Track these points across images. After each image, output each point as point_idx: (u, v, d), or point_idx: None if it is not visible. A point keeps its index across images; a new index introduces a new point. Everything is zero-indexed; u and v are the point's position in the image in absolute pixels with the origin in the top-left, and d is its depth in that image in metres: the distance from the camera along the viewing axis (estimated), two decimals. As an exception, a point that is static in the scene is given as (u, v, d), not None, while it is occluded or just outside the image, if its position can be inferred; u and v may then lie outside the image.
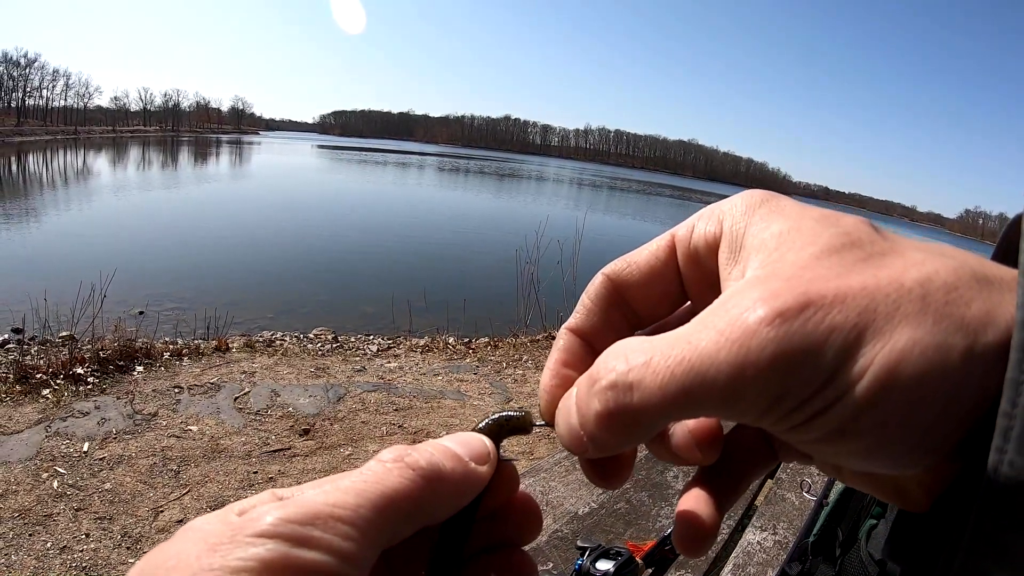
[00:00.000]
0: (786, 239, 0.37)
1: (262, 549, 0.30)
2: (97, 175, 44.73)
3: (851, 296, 0.32)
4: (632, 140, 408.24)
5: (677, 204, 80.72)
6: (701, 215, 0.45)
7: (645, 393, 0.34)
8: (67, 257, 14.94)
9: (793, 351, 0.31)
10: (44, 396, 6.04)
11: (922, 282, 0.32)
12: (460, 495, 0.40)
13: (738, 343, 0.32)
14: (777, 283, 0.34)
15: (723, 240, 0.42)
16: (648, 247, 0.47)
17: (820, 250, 0.35)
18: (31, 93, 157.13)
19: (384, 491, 0.35)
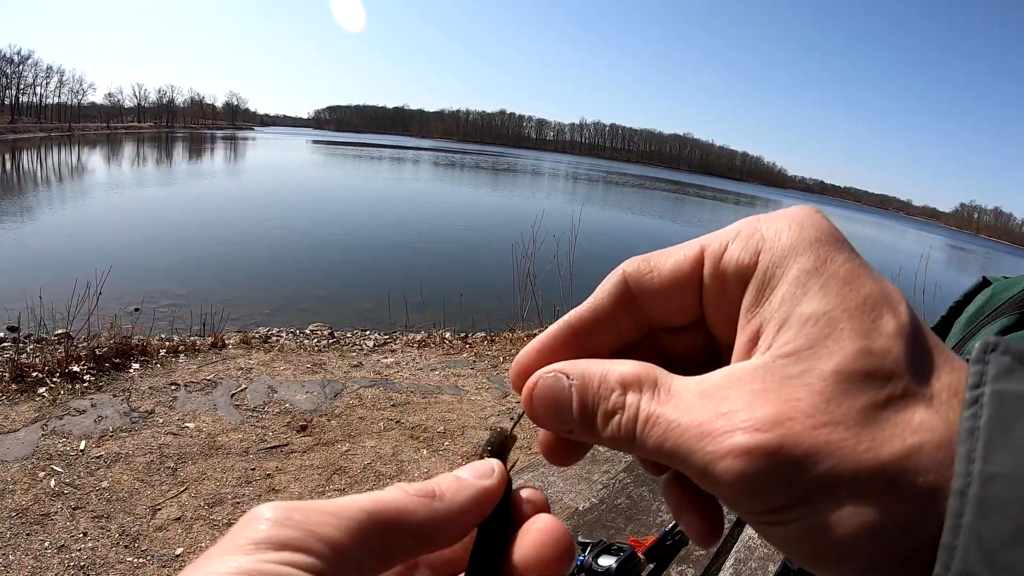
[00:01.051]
0: (808, 332, 0.36)
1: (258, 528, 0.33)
2: (91, 172, 44.67)
3: (825, 455, 0.33)
4: (627, 134, 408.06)
5: (673, 198, 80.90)
6: (739, 233, 0.42)
7: (646, 444, 0.39)
8: (62, 254, 14.90)
9: (749, 483, 0.34)
10: (40, 394, 6.02)
11: (903, 458, 0.32)
12: (465, 510, 0.41)
13: (710, 455, 0.35)
14: (769, 406, 0.35)
15: (754, 278, 0.40)
16: (674, 255, 0.45)
17: (834, 370, 0.34)
18: (25, 90, 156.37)
19: (378, 499, 0.38)
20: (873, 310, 0.36)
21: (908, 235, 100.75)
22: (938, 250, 40.40)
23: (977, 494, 0.30)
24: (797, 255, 0.39)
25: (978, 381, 0.33)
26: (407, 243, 21.32)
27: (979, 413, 0.32)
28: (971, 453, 0.31)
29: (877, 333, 0.35)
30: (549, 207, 15.10)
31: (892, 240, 72.05)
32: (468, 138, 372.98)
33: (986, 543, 0.30)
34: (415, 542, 0.39)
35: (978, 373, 0.33)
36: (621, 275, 0.47)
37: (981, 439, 0.31)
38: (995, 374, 0.33)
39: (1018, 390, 0.32)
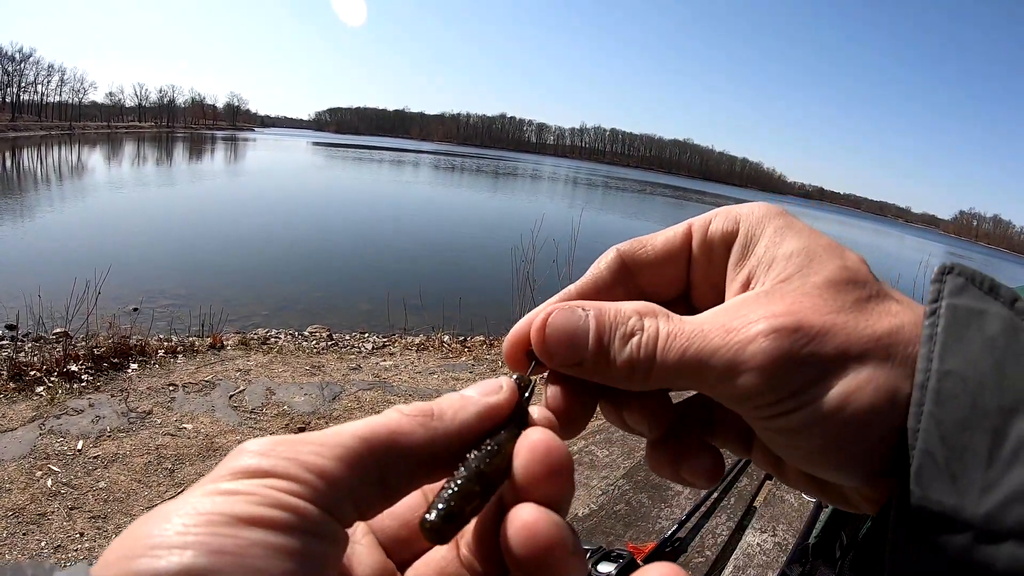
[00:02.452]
0: (795, 261, 0.44)
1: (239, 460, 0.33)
2: (91, 171, 44.64)
3: (834, 332, 0.40)
4: (627, 139, 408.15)
5: (673, 204, 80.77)
6: (718, 213, 0.50)
7: (668, 356, 0.42)
8: (61, 253, 14.87)
9: (778, 360, 0.39)
10: (38, 394, 6.01)
11: (893, 332, 0.40)
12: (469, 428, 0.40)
13: (737, 345, 0.40)
14: (779, 305, 0.41)
15: (737, 239, 0.48)
16: (664, 233, 0.53)
17: (823, 280, 0.42)
18: (26, 88, 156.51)
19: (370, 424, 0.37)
20: (838, 248, 0.45)
21: (907, 242, 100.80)
22: (937, 257, 40.28)
23: (935, 387, 0.37)
24: (770, 219, 0.48)
25: (936, 296, 0.41)
26: (406, 245, 21.30)
27: (936, 323, 0.40)
28: (930, 354, 0.38)
29: (847, 257, 0.44)
30: (549, 211, 15.10)
31: (891, 247, 72.15)
32: (468, 141, 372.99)
33: (942, 427, 0.37)
34: (415, 466, 0.37)
35: (936, 290, 0.41)
36: (616, 252, 0.52)
37: (938, 343, 0.39)
38: (950, 291, 0.41)
39: (968, 305, 0.40)
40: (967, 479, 0.36)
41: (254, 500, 0.30)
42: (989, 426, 0.36)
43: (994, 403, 0.36)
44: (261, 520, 0.29)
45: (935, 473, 0.36)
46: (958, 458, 0.36)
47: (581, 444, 5.37)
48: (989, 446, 0.36)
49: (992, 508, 0.35)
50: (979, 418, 0.36)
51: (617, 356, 0.44)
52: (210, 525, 0.28)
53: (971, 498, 0.35)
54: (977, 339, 0.39)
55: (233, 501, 0.30)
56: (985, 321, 0.39)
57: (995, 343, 0.38)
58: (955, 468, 0.36)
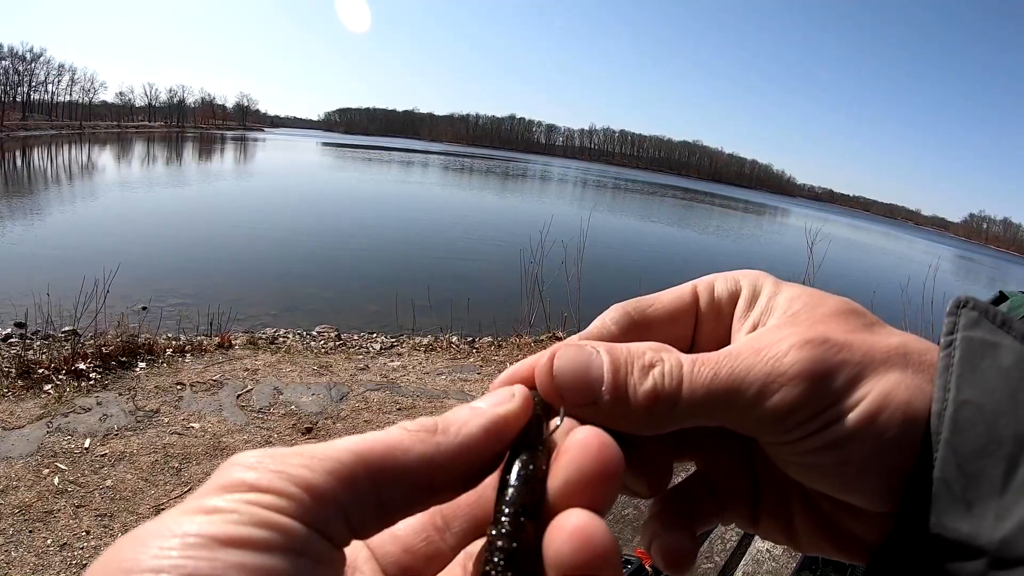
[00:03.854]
0: (797, 301, 0.47)
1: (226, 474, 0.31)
2: (102, 170, 44.90)
3: (856, 345, 0.42)
4: (637, 140, 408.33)
5: (683, 206, 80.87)
6: (719, 277, 0.52)
7: (696, 382, 0.41)
8: (70, 251, 14.96)
9: (815, 369, 0.40)
10: (46, 391, 6.03)
11: (903, 345, 0.43)
12: (477, 443, 0.37)
13: (773, 358, 0.41)
14: (799, 327, 0.43)
15: (742, 294, 0.50)
16: (670, 292, 0.52)
17: (829, 311, 0.45)
18: (36, 88, 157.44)
19: (365, 439, 0.34)
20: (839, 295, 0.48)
21: (917, 245, 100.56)
22: (947, 260, 40.31)
23: (952, 415, 0.38)
24: (767, 277, 0.51)
25: (951, 329, 0.42)
26: (415, 246, 21.35)
27: (952, 354, 0.40)
28: (947, 384, 0.39)
29: (851, 300, 0.47)
30: (558, 213, 15.12)
31: (901, 250, 72.07)
32: (477, 142, 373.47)
33: (958, 455, 0.37)
34: (415, 485, 0.35)
35: (951, 323, 0.42)
36: (623, 309, 0.51)
37: (955, 373, 0.39)
38: (965, 324, 0.42)
39: (982, 337, 0.41)
40: (982, 506, 0.36)
41: (233, 519, 0.28)
42: (1004, 454, 0.36)
43: (1009, 431, 0.37)
44: (240, 540, 0.28)
45: (951, 500, 0.37)
46: (974, 486, 0.37)
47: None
48: (1004, 473, 0.36)
49: (1007, 534, 0.35)
50: (995, 446, 0.37)
51: (637, 389, 0.41)
52: (185, 548, 0.27)
53: (986, 525, 0.36)
54: (992, 370, 0.39)
55: (212, 520, 0.28)
56: (999, 353, 0.40)
57: (1009, 374, 0.39)
58: (971, 496, 0.36)
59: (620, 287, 14.08)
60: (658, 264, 24.35)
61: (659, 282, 2.43)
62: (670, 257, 28.40)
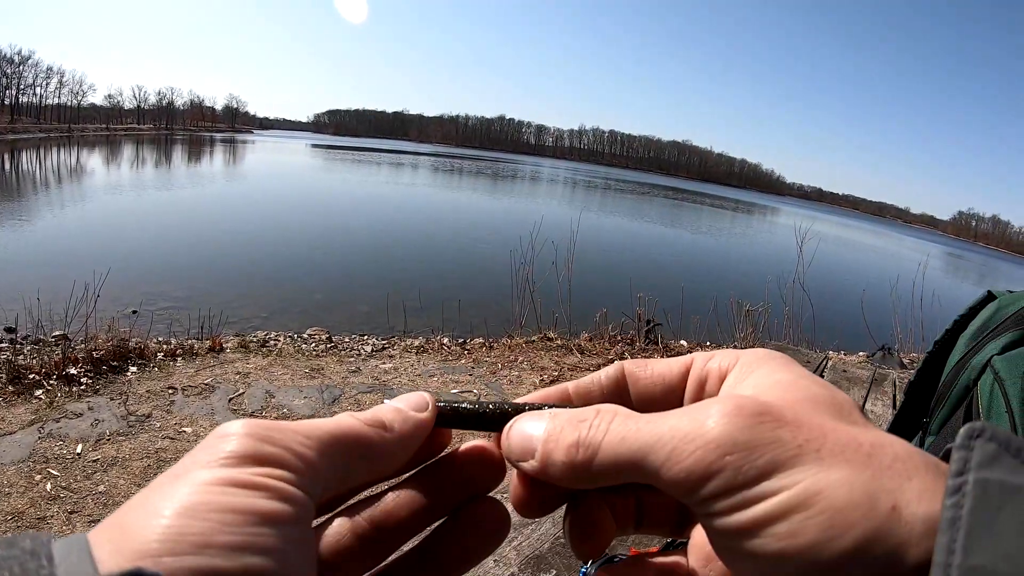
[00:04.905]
0: (782, 383, 0.41)
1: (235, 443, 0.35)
2: (91, 173, 44.69)
3: (806, 427, 0.35)
4: (626, 140, 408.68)
5: (672, 205, 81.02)
6: (720, 352, 0.48)
7: (612, 437, 0.39)
8: (60, 256, 14.90)
9: (735, 434, 0.35)
10: (37, 397, 6.01)
11: (875, 444, 0.34)
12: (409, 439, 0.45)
13: (694, 418, 0.37)
14: (747, 399, 0.38)
15: (732, 372, 0.46)
16: (667, 361, 0.50)
17: (805, 398, 0.39)
18: (24, 90, 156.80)
19: (339, 424, 0.41)
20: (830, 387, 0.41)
21: (906, 243, 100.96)
22: (936, 258, 40.56)
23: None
24: (771, 359, 0.45)
25: (961, 468, 0.32)
26: (405, 247, 21.37)
27: (961, 503, 0.30)
28: (951, 544, 0.29)
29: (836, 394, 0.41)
30: (548, 213, 15.12)
31: (891, 248, 72.29)
32: (467, 143, 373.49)
33: None
34: (369, 467, 0.42)
35: (962, 460, 0.32)
36: (621, 366, 0.51)
37: (963, 530, 0.30)
38: (980, 461, 0.32)
39: (1003, 480, 0.31)
40: None
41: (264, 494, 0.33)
42: None
43: None
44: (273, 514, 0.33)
45: None
46: None
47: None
48: None
49: None
50: None
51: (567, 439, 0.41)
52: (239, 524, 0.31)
53: None
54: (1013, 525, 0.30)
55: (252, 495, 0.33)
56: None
57: None
58: None
59: (611, 287, 14.12)
60: (649, 263, 24.37)
61: (649, 282, 2.50)
62: (661, 256, 28.44)
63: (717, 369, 0.47)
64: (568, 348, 9.23)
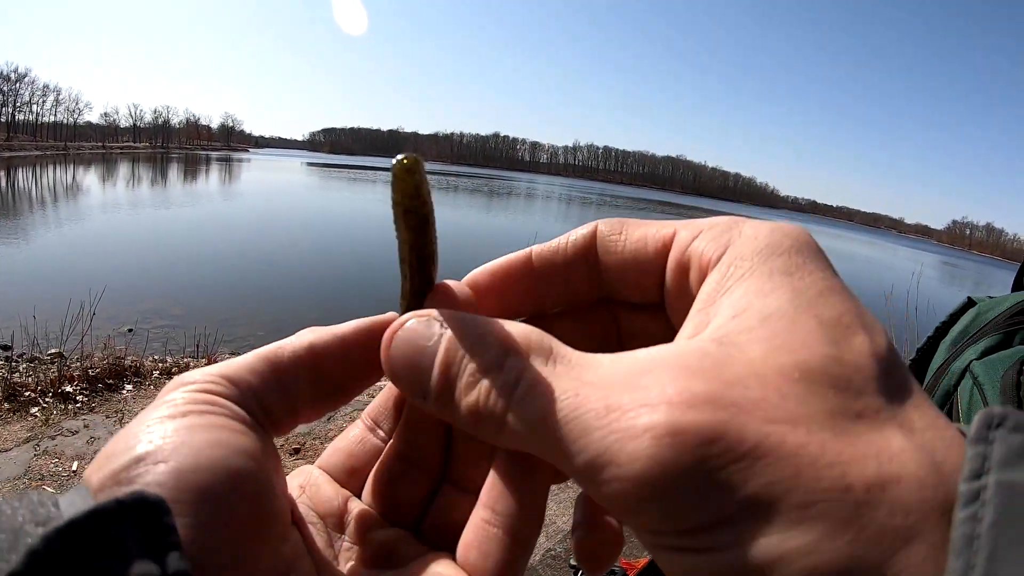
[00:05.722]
0: (772, 324, 0.30)
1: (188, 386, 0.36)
2: (87, 192, 44.59)
3: (776, 455, 0.25)
4: (620, 156, 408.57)
5: (667, 219, 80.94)
6: (715, 225, 0.38)
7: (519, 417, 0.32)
8: (56, 274, 14.85)
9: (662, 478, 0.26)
10: (33, 414, 6.00)
11: (874, 483, 0.25)
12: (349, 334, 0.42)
13: (616, 435, 0.28)
14: (703, 383, 0.28)
15: (714, 272, 0.35)
16: (646, 229, 0.42)
17: (794, 364, 0.28)
18: (21, 108, 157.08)
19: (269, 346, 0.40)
20: (848, 327, 0.30)
21: (900, 252, 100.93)
22: (930, 267, 40.35)
23: None
24: (772, 256, 0.33)
25: (979, 468, 0.25)
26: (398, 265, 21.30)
27: (980, 513, 0.23)
28: (969, 564, 0.23)
29: (849, 347, 0.29)
30: (542, 229, 15.12)
31: (885, 258, 72.20)
32: (462, 161, 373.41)
33: None
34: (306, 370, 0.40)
35: (979, 457, 0.25)
36: (593, 227, 0.44)
37: (983, 551, 0.23)
38: (1002, 458, 0.25)
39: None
40: None
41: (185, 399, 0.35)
42: None
43: None
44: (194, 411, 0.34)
45: None
46: None
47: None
48: None
49: None
50: None
51: (461, 400, 0.34)
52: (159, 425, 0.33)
53: None
54: None
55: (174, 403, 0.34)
56: None
57: None
58: None
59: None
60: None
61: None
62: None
63: (699, 259, 0.36)
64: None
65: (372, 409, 0.48)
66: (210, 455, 0.31)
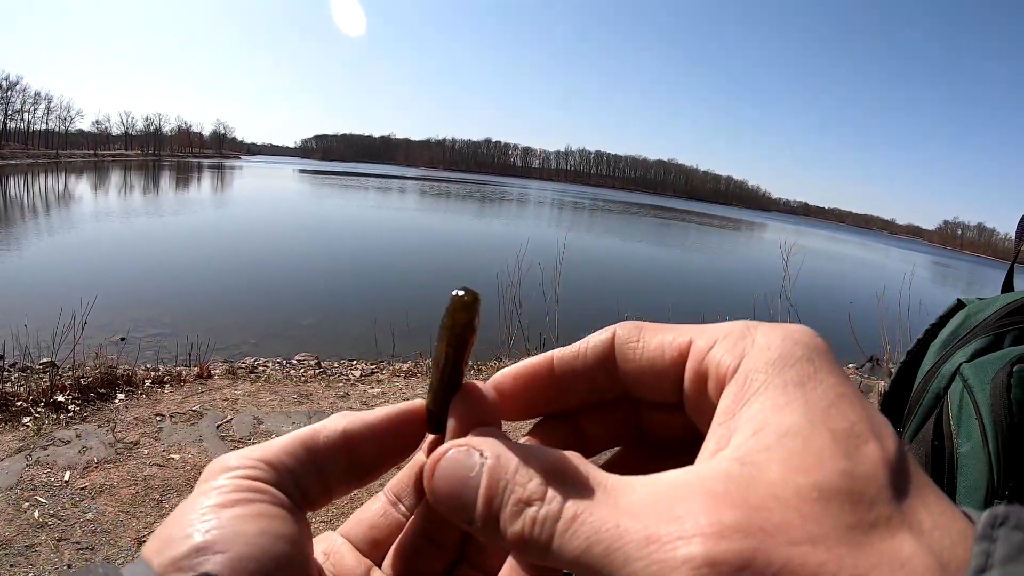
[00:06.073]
0: (790, 444, 0.32)
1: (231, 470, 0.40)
2: (78, 200, 44.62)
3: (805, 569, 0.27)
4: (612, 161, 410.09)
5: (659, 222, 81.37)
6: (728, 334, 0.39)
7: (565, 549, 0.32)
8: (48, 283, 14.84)
9: None
10: (25, 424, 5.98)
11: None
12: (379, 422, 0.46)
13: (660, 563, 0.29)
14: (732, 512, 0.29)
15: (735, 380, 0.36)
16: (663, 335, 0.42)
17: (811, 485, 0.30)
18: (12, 116, 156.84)
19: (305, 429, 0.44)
20: (859, 436, 0.32)
21: (892, 254, 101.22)
22: (923, 268, 40.61)
23: None
24: (785, 367, 0.35)
25: (983, 565, 0.26)
26: (393, 272, 21.38)
27: None
28: None
29: (861, 458, 0.31)
30: (534, 235, 15.15)
31: (877, 259, 72.50)
32: (454, 166, 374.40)
33: None
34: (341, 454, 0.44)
35: (983, 554, 0.26)
36: (611, 334, 0.44)
37: None
38: (1004, 556, 0.26)
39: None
40: None
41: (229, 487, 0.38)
42: None
43: None
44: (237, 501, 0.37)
45: None
46: None
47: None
48: None
49: None
50: None
51: (507, 528, 0.35)
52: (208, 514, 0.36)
53: None
54: None
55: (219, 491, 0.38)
56: None
57: None
58: None
59: (598, 306, 14.10)
60: (636, 282, 24.39)
61: (637, 300, 2.52)
62: (648, 275, 28.54)
63: (716, 369, 0.38)
64: (556, 368, 9.19)
65: (395, 484, 0.52)
66: (260, 544, 0.36)
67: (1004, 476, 0.94)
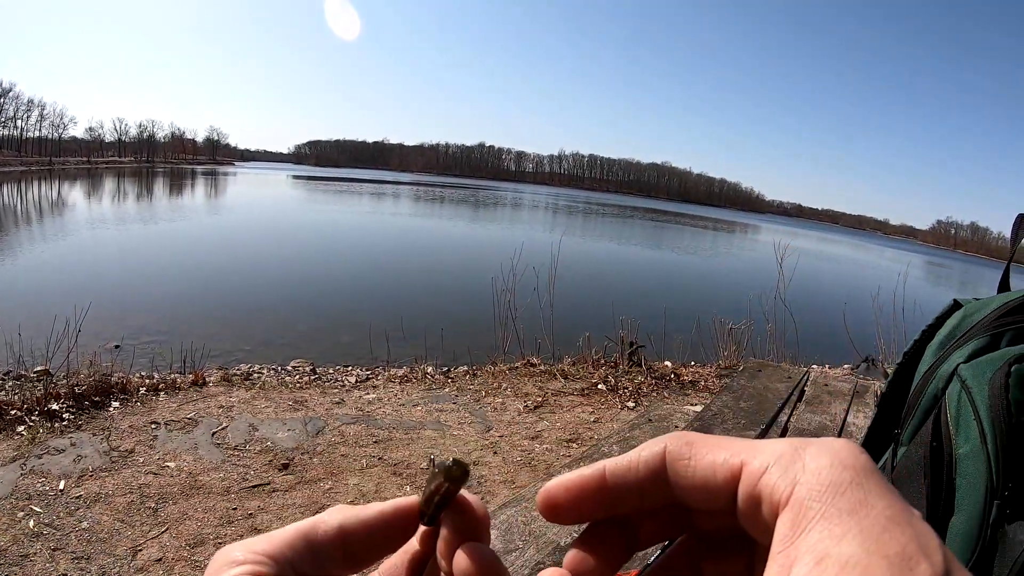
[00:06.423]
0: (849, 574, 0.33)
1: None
2: (72, 207, 44.57)
3: None
4: (606, 164, 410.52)
5: (654, 225, 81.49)
6: (780, 458, 0.39)
7: None
8: (41, 290, 14.83)
9: None
10: (19, 433, 5.96)
11: None
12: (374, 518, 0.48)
13: None
14: None
15: (790, 507, 0.37)
16: (714, 454, 0.43)
17: None
18: (5, 123, 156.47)
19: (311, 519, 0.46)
20: (911, 558, 0.33)
21: (886, 254, 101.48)
22: (916, 267, 40.76)
23: None
24: (837, 495, 0.36)
25: None
26: (388, 277, 21.39)
27: None
28: None
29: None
30: (529, 239, 15.19)
31: (871, 260, 72.64)
32: (448, 171, 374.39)
33: None
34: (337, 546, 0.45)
35: None
36: (662, 449, 0.44)
37: None
38: None
39: None
40: None
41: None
42: None
43: None
44: None
45: None
46: None
47: (566, 461, 5.36)
48: None
49: None
50: None
51: None
52: None
53: None
54: None
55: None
56: None
57: None
58: None
59: (593, 310, 14.11)
60: (631, 286, 24.40)
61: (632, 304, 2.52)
62: (643, 278, 28.55)
63: (771, 495, 0.38)
64: (551, 373, 9.22)
65: (386, 569, 0.53)
66: None
67: (1003, 477, 0.94)
